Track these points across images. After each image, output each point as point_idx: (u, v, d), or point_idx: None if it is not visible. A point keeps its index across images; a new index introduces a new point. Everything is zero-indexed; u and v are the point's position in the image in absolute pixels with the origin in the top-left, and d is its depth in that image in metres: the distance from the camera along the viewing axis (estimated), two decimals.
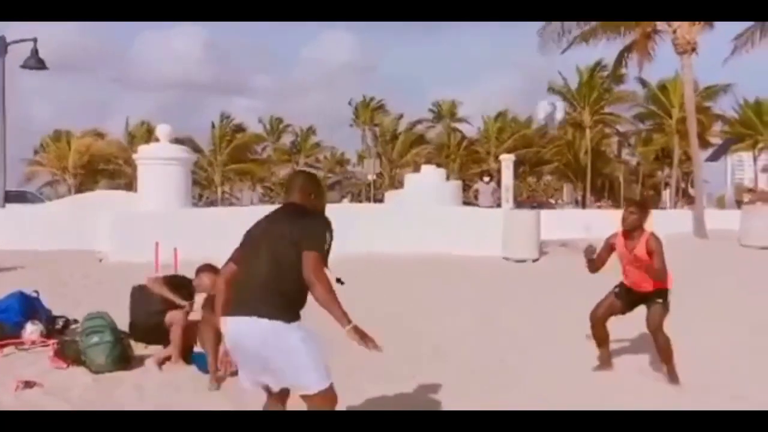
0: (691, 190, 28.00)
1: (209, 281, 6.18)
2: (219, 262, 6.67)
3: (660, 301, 6.04)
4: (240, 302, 3.57)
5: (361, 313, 3.67)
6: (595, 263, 6.24)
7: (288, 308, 3.52)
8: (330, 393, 3.55)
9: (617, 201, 60.87)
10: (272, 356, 3.51)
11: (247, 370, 3.68)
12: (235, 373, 6.03)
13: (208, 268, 6.31)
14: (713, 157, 33.81)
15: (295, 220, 3.58)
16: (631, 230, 6.05)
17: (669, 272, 6.00)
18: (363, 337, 3.40)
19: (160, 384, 5.90)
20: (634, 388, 5.93)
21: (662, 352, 6.10)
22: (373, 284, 11.20)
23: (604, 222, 21.20)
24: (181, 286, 6.46)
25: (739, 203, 30.85)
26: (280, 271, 3.51)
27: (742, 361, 6.68)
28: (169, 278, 6.60)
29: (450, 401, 5.40)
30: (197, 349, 6.25)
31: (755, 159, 62.92)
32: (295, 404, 4.97)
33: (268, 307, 3.48)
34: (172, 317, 6.25)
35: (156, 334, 6.38)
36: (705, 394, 5.64)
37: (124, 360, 6.27)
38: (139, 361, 6.37)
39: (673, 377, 6.04)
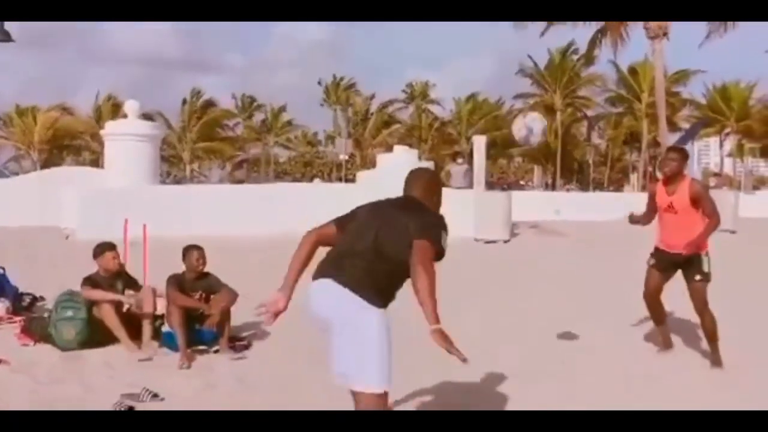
0: (658, 174, 28.31)
1: (196, 261, 6.18)
2: (188, 239, 6.65)
3: (699, 278, 5.87)
4: (331, 269, 3.38)
5: None
6: (642, 219, 6.24)
7: (378, 296, 3.33)
8: (384, 398, 3.30)
9: (586, 184, 61.49)
10: (343, 333, 3.28)
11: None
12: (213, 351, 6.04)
13: (196, 248, 6.26)
14: (681, 142, 34.06)
15: (414, 214, 3.43)
16: (671, 177, 5.95)
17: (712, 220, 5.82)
18: (447, 341, 3.12)
19: (130, 362, 5.83)
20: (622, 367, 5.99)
21: (708, 332, 5.99)
22: None
23: (572, 205, 21.51)
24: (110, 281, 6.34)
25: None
26: (382, 260, 3.35)
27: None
28: (93, 279, 6.41)
29: (425, 381, 5.43)
30: (166, 328, 6.18)
31: (721, 144, 63.88)
32: (294, 404, 4.91)
33: (359, 285, 3.29)
34: (99, 310, 6.16)
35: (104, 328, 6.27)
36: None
37: (91, 343, 6.17)
38: (107, 342, 6.26)
39: (716, 359, 5.96)
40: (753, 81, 58.68)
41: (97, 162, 49.45)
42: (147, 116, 38.07)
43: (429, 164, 22.78)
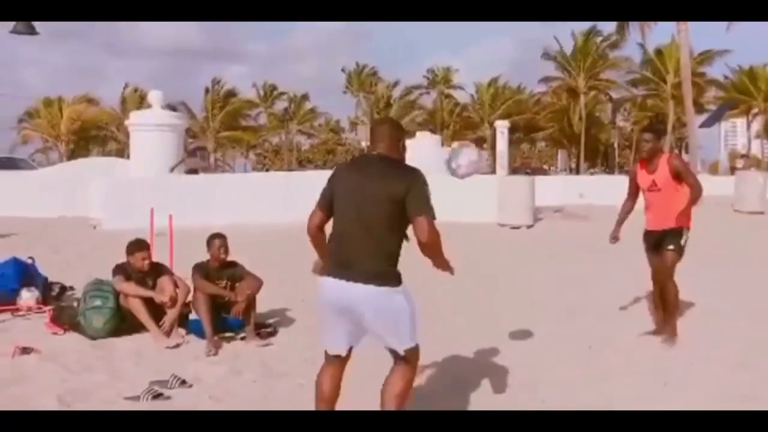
0: (685, 156, 28.01)
1: (219, 250, 6.23)
2: (213, 228, 6.71)
3: (672, 248, 5.94)
4: (342, 264, 3.54)
5: None
6: (623, 207, 6.31)
7: (392, 269, 3.53)
8: (418, 350, 3.64)
9: (611, 167, 60.91)
10: (378, 320, 3.53)
11: (336, 331, 3.66)
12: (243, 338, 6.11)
13: (219, 236, 6.31)
14: (707, 123, 33.66)
15: (393, 178, 3.50)
16: (649, 157, 6.04)
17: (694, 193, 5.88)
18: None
19: (158, 349, 5.91)
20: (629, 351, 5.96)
21: (669, 303, 6.06)
22: None
23: (596, 188, 21.31)
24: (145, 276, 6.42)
25: (732, 169, 30.88)
26: (381, 233, 3.49)
27: (741, 324, 6.72)
28: (125, 269, 6.47)
29: (448, 367, 5.45)
30: (193, 316, 6.25)
31: (749, 125, 62.88)
32: (294, 404, 4.96)
33: (374, 273, 3.47)
34: (126, 301, 6.23)
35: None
36: (705, 362, 5.68)
37: (119, 331, 6.25)
38: (135, 330, 6.34)
39: (672, 332, 6.03)
40: None
41: (122, 152, 49.88)
42: (171, 106, 38.37)
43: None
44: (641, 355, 5.81)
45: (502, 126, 23.27)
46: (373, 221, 3.48)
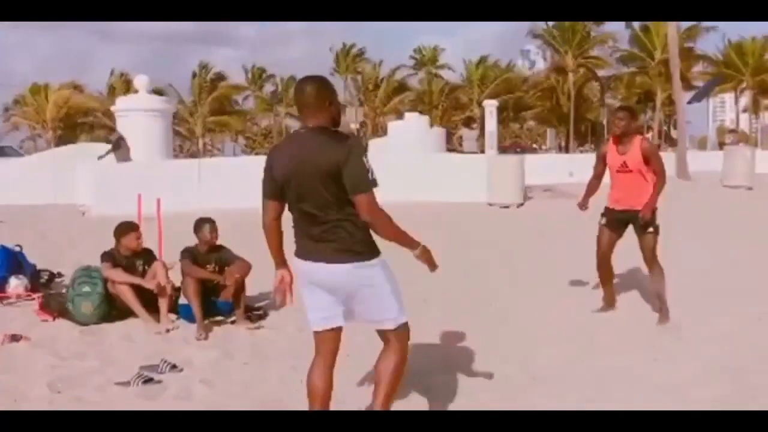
0: (673, 132, 28.07)
1: (209, 234, 6.22)
2: (201, 213, 6.68)
3: (651, 230, 5.98)
4: (310, 248, 3.40)
5: None
6: (590, 185, 6.30)
7: (359, 244, 3.37)
8: (407, 327, 3.57)
9: (601, 145, 60.93)
10: (357, 296, 3.44)
11: (323, 309, 3.51)
12: (227, 322, 6.09)
13: (208, 221, 6.30)
14: (695, 99, 33.69)
15: (330, 154, 3.26)
16: (621, 137, 6.00)
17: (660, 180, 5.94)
18: (429, 258, 3.46)
19: (148, 335, 5.89)
20: (622, 328, 5.99)
21: (656, 284, 6.10)
22: None
23: (586, 167, 21.37)
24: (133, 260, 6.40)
25: (721, 145, 30.98)
26: (333, 211, 3.31)
27: (730, 300, 6.76)
28: (113, 255, 6.44)
29: (439, 345, 5.46)
30: (182, 300, 6.23)
31: (737, 100, 63.00)
32: (287, 386, 4.96)
33: (339, 251, 3.33)
34: (114, 287, 6.20)
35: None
36: (694, 337, 5.72)
37: (109, 317, 6.24)
38: (125, 316, 6.31)
39: (664, 312, 6.05)
40: None
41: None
42: (158, 91, 38.07)
43: (441, 130, 22.69)
44: (632, 332, 5.85)
45: (491, 105, 23.18)
46: (319, 201, 3.31)
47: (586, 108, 63.50)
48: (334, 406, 3.61)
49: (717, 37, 58.44)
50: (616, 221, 6.18)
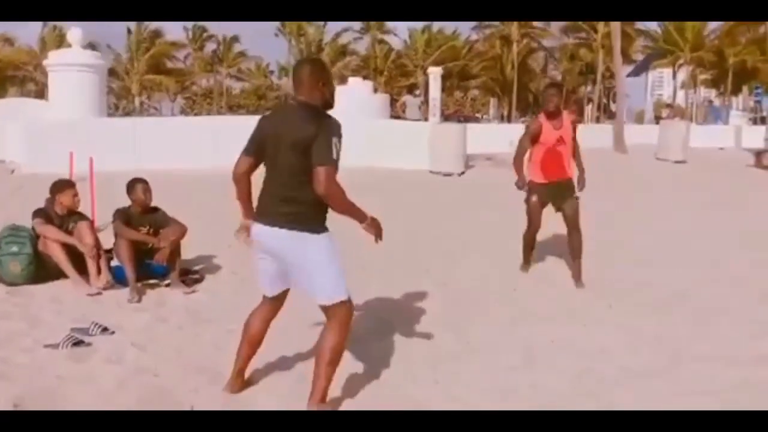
0: (612, 106, 28.56)
1: (143, 195, 6.08)
2: (135, 174, 6.51)
3: (577, 197, 6.35)
4: (263, 210, 3.61)
5: None
6: (519, 163, 6.45)
7: (309, 215, 3.51)
8: (347, 305, 3.59)
9: None
10: (294, 266, 3.56)
11: (268, 273, 3.72)
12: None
13: (141, 181, 6.13)
14: (635, 73, 34.35)
15: (304, 127, 3.44)
16: (554, 112, 6.25)
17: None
18: (377, 229, 3.59)
19: (78, 297, 5.73)
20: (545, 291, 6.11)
21: (577, 249, 6.40)
22: None
23: None
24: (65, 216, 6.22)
25: (657, 119, 31.68)
26: (297, 181, 3.47)
27: (658, 270, 6.96)
28: (46, 212, 6.24)
29: (374, 310, 5.48)
30: (115, 262, 6.08)
31: (674, 75, 64.43)
32: (222, 351, 4.88)
33: (289, 218, 3.49)
34: (45, 246, 6.03)
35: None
36: (622, 306, 5.87)
37: (39, 277, 6.05)
38: (54, 277, 6.13)
39: (579, 274, 6.39)
40: None
41: (42, 94, 47.76)
42: (92, 46, 36.76)
43: (384, 96, 22.58)
44: (563, 300, 5.98)
45: (435, 73, 23.13)
46: (287, 169, 3.50)
47: (529, 78, 64.04)
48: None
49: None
50: (546, 195, 6.41)
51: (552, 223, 6.76)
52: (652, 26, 58.99)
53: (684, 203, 11.42)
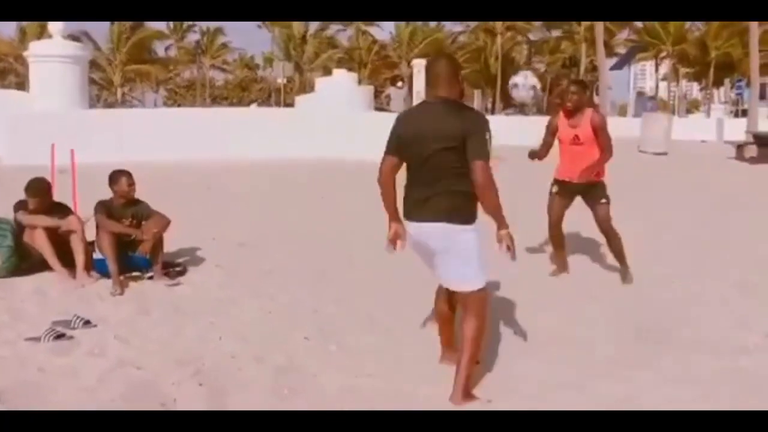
0: (596, 98, 28.70)
1: (126, 186, 6.01)
2: (118, 166, 6.45)
3: (604, 201, 6.14)
4: (413, 207, 3.70)
5: (276, 216, 3.60)
6: (540, 153, 6.29)
7: (468, 209, 3.61)
8: (485, 293, 3.76)
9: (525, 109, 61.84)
10: (441, 254, 3.68)
11: (428, 265, 3.90)
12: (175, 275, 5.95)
13: (125, 173, 6.07)
14: (617, 66, 34.51)
15: (455, 123, 3.53)
16: (574, 110, 6.07)
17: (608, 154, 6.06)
18: (511, 243, 3.60)
19: (61, 289, 5.69)
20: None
21: (616, 250, 6.25)
22: (286, 189, 11.06)
23: (511, 129, 21.65)
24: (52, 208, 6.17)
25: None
26: (453, 174, 3.55)
27: (640, 265, 7.00)
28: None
29: (364, 305, 5.48)
30: (97, 255, 6.04)
31: (657, 68, 64.81)
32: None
33: (449, 211, 3.58)
34: (32, 237, 5.98)
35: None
36: (608, 299, 5.90)
37: (20, 270, 5.99)
38: (36, 270, 6.08)
39: (627, 275, 6.24)
40: None
41: (23, 85, 47.27)
42: (74, 37, 36.39)
43: (369, 88, 22.54)
44: (553, 292, 6.01)
45: (419, 65, 23.13)
46: (442, 164, 3.56)
47: (514, 71, 64.13)
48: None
49: None
50: (567, 192, 6.28)
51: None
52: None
53: (663, 195, 11.49)
